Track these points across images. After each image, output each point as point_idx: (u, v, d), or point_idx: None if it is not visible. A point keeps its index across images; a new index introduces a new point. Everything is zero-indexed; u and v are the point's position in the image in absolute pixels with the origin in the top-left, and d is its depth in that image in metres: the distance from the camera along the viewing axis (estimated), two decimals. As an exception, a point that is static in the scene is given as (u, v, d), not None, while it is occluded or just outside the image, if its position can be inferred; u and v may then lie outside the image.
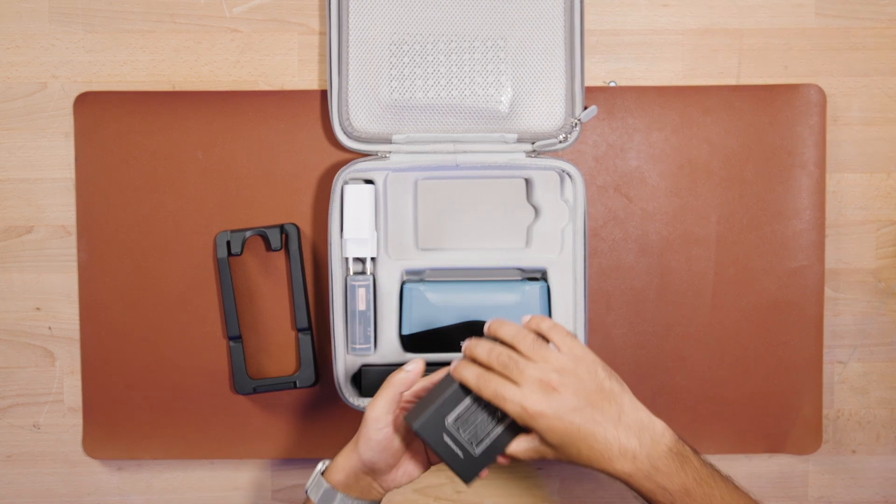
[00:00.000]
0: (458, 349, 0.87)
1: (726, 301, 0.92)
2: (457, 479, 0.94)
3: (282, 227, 0.88)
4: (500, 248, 0.90)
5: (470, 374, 0.69)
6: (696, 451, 0.69)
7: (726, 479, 0.70)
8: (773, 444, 0.93)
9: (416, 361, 0.75)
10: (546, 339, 0.71)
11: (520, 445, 0.70)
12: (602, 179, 0.92)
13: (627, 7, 0.93)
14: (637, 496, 0.69)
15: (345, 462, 0.75)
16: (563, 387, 0.67)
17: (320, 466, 0.77)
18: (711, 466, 0.69)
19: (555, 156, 0.89)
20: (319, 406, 0.92)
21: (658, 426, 0.68)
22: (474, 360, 0.71)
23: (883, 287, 0.94)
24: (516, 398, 0.67)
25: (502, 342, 0.71)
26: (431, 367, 0.89)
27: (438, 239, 0.90)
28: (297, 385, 0.89)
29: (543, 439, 0.68)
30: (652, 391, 0.92)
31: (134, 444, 0.92)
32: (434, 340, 0.89)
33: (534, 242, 0.89)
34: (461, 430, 0.70)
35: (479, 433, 0.70)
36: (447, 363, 0.88)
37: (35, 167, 0.93)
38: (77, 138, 0.91)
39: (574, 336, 0.71)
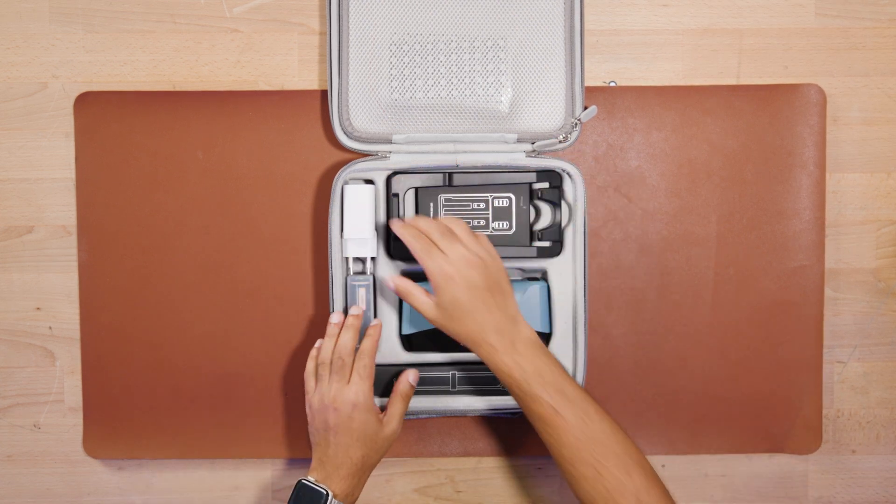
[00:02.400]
0: (458, 349, 0.87)
1: (726, 301, 0.92)
2: (457, 480, 0.94)
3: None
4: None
5: (411, 233, 0.80)
6: (555, 359, 0.79)
7: (574, 381, 0.79)
8: (773, 444, 0.93)
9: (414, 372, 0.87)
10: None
11: (421, 297, 0.81)
12: (602, 179, 0.92)
13: (627, 7, 0.93)
14: (497, 376, 0.79)
15: (350, 482, 0.82)
16: (476, 268, 0.79)
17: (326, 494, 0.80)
18: (564, 370, 0.79)
19: (555, 156, 0.89)
20: (319, 406, 0.92)
21: (525, 324, 0.80)
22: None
23: (883, 287, 0.94)
24: (440, 260, 0.79)
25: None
26: (431, 366, 0.89)
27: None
28: None
29: (440, 303, 0.79)
30: (652, 391, 0.92)
31: (134, 444, 0.92)
32: (434, 340, 0.89)
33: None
34: None
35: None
36: (447, 363, 0.89)
37: (35, 167, 0.93)
38: (77, 138, 0.91)
39: (487, 239, 0.83)
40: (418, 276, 0.89)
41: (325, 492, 0.79)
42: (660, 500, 0.74)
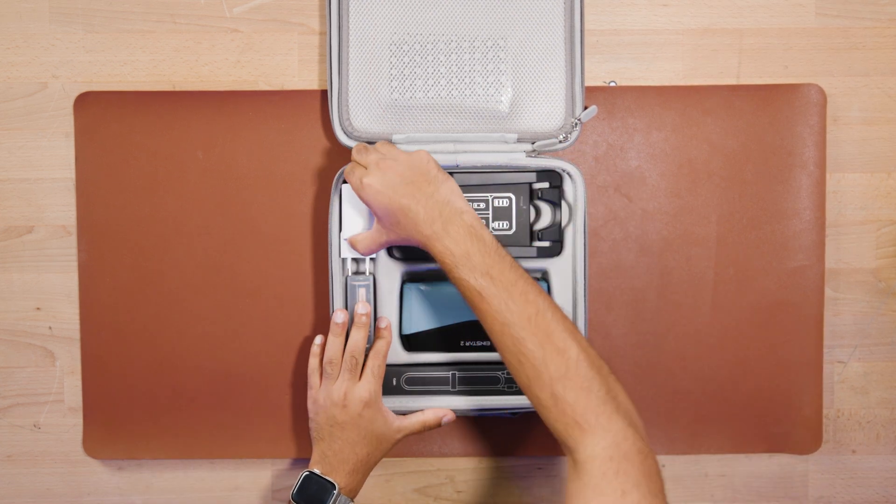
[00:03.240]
0: (458, 349, 0.87)
1: (726, 301, 0.92)
2: (457, 480, 0.94)
3: None
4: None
5: (347, 169, 0.83)
6: (497, 241, 0.77)
7: (514, 263, 0.76)
8: (773, 444, 0.93)
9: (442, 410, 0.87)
10: None
11: (363, 234, 0.83)
12: (602, 179, 0.92)
13: (627, 7, 0.93)
14: (438, 263, 0.77)
15: (354, 478, 0.82)
16: (392, 169, 0.79)
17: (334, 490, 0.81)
18: (505, 251, 0.76)
19: (555, 156, 0.89)
20: (319, 406, 0.92)
21: (464, 209, 0.78)
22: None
23: (883, 287, 0.94)
24: (358, 174, 0.80)
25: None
26: (431, 366, 0.89)
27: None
28: None
29: (379, 219, 0.80)
30: (652, 391, 0.92)
31: (134, 444, 0.92)
32: (434, 340, 0.89)
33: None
34: None
35: None
36: (447, 363, 0.89)
37: (35, 167, 0.93)
38: (77, 138, 0.91)
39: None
40: (421, 277, 0.89)
41: (333, 484, 0.80)
42: (579, 389, 0.68)
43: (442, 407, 0.87)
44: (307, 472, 0.81)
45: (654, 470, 0.67)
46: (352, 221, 0.86)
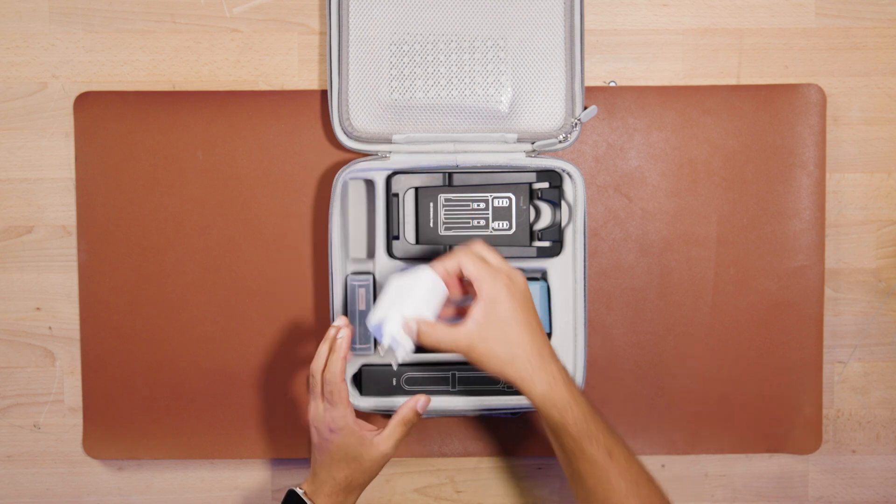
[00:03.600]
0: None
1: (726, 301, 0.92)
2: (457, 480, 0.94)
3: None
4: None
5: (462, 252, 0.75)
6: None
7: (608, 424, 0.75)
8: (773, 444, 0.93)
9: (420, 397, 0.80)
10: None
11: (443, 328, 0.73)
12: (602, 179, 0.92)
13: (627, 7, 0.93)
14: (533, 402, 0.73)
15: (334, 499, 0.79)
16: (520, 278, 0.75)
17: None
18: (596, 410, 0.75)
19: (555, 156, 0.89)
20: (319, 406, 0.92)
21: (558, 361, 0.75)
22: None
23: (883, 287, 0.94)
24: (507, 269, 0.74)
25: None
26: (431, 366, 0.89)
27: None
28: None
29: (487, 318, 0.72)
30: (652, 391, 0.92)
31: (134, 444, 0.92)
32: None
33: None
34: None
35: None
36: (447, 363, 0.89)
37: (35, 167, 0.93)
38: (77, 138, 0.91)
39: None
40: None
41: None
42: None
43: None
44: (290, 490, 0.79)
45: None
46: (419, 303, 0.74)
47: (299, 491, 0.79)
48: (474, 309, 0.73)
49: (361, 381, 0.89)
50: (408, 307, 0.73)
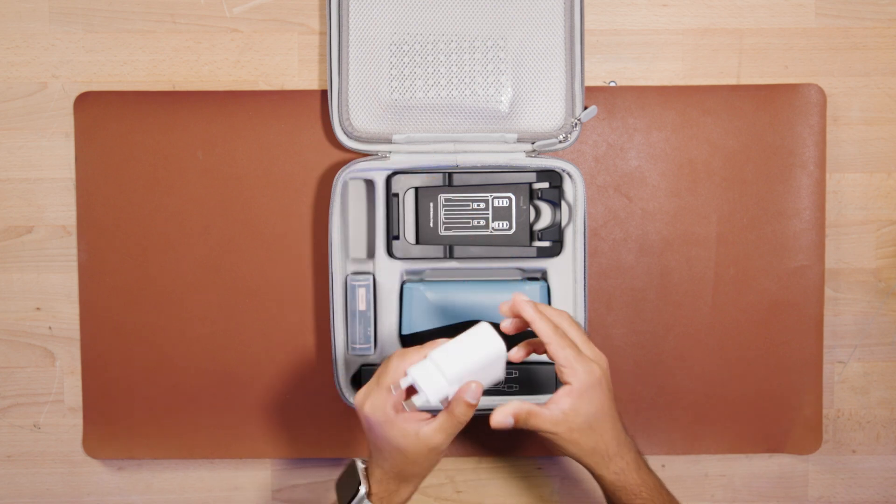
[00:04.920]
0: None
1: (726, 301, 0.92)
2: (457, 480, 0.94)
3: None
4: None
5: (551, 328, 0.72)
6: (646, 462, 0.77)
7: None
8: (773, 444, 0.93)
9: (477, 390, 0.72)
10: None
11: (542, 412, 0.72)
12: (602, 179, 0.92)
13: (627, 7, 0.93)
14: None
15: (386, 486, 0.74)
16: (608, 374, 0.74)
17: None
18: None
19: (555, 156, 0.89)
20: (319, 406, 0.92)
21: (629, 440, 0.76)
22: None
23: (883, 287, 0.94)
24: (589, 363, 0.72)
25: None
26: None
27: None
28: None
29: (576, 410, 0.71)
30: (652, 391, 0.92)
31: (134, 444, 0.92)
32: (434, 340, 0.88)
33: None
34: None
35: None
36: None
37: (35, 167, 0.93)
38: (77, 138, 0.91)
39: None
40: (421, 277, 0.89)
41: (360, 487, 0.73)
42: None
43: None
44: (353, 461, 0.75)
45: None
46: (484, 377, 0.72)
47: (359, 464, 0.74)
48: (562, 397, 0.71)
49: (361, 381, 0.89)
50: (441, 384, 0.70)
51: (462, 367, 0.70)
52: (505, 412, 0.72)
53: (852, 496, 0.95)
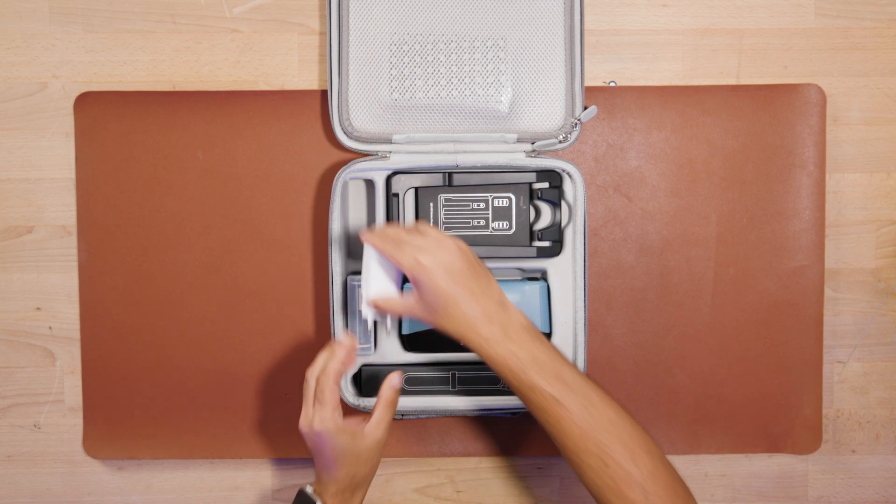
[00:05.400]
0: (458, 349, 0.87)
1: (726, 301, 0.92)
2: (457, 480, 0.94)
3: None
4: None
5: (379, 236, 0.76)
6: (550, 343, 0.75)
7: (574, 365, 0.75)
8: (773, 444, 0.93)
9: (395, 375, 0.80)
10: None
11: (398, 301, 0.77)
12: (602, 179, 0.92)
13: (627, 7, 0.93)
14: (492, 367, 0.74)
15: (340, 498, 0.78)
16: (453, 252, 0.74)
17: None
18: (562, 354, 0.75)
19: (555, 156, 0.89)
20: (319, 406, 0.92)
21: (515, 309, 0.75)
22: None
23: (883, 287, 0.94)
24: (411, 251, 0.74)
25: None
26: (431, 366, 0.89)
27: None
28: None
29: (422, 298, 0.74)
30: (652, 391, 0.92)
31: (134, 444, 0.92)
32: (434, 340, 0.89)
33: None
34: None
35: None
36: (447, 363, 0.89)
37: (35, 167, 0.93)
38: (77, 138, 0.91)
39: None
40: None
41: (314, 501, 0.78)
42: (667, 486, 0.71)
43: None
44: (301, 489, 0.79)
45: None
46: (378, 281, 0.78)
47: (308, 489, 0.78)
48: (414, 286, 0.76)
49: (361, 381, 0.89)
50: (371, 288, 0.77)
51: (375, 279, 0.78)
52: (365, 307, 0.78)
53: (852, 496, 0.95)
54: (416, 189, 0.88)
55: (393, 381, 0.80)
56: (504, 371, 0.73)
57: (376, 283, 0.77)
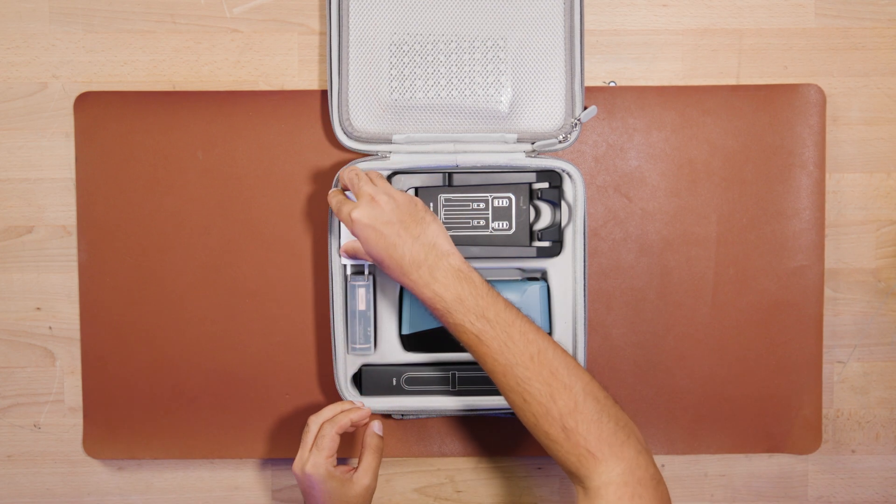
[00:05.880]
0: (458, 349, 0.87)
1: (726, 301, 0.92)
2: (457, 480, 0.94)
3: None
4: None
5: (331, 195, 0.82)
6: (487, 282, 0.77)
7: (507, 303, 0.76)
8: (773, 444, 0.93)
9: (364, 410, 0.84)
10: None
11: (347, 243, 0.83)
12: (602, 179, 0.92)
13: (627, 7, 0.93)
14: (428, 309, 0.77)
15: None
16: (384, 204, 0.77)
17: None
18: (496, 292, 0.76)
19: (555, 156, 0.89)
20: (319, 406, 0.92)
21: (450, 251, 0.77)
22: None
23: (883, 287, 0.94)
24: (347, 209, 0.78)
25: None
26: (431, 366, 0.89)
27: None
28: None
29: (367, 251, 0.78)
30: (652, 391, 0.92)
31: (134, 444, 0.92)
32: (434, 340, 0.89)
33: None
34: None
35: None
36: (447, 363, 0.89)
37: (35, 167, 0.93)
38: (77, 138, 0.91)
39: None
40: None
41: None
42: (590, 421, 0.70)
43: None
44: None
45: (666, 496, 0.70)
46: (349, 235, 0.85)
47: None
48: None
49: (361, 381, 0.89)
50: (343, 235, 0.85)
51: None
52: (343, 255, 0.84)
53: (852, 496, 0.95)
54: (416, 189, 0.88)
55: (374, 427, 0.84)
56: (435, 313, 0.76)
57: (347, 231, 0.83)
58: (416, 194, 0.88)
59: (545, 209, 0.89)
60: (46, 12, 0.92)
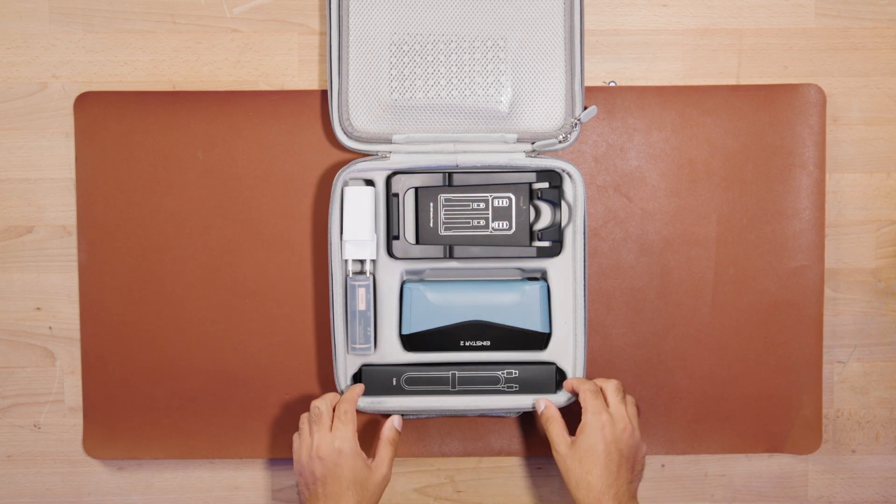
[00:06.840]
0: (458, 349, 0.87)
1: (726, 301, 0.92)
2: (457, 480, 0.94)
3: None
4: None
5: (583, 383, 0.85)
6: None
7: None
8: (773, 444, 0.93)
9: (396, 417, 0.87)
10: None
11: (561, 430, 0.84)
12: (602, 179, 0.92)
13: (627, 7, 0.93)
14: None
15: None
16: (627, 432, 0.82)
17: None
18: None
19: (555, 156, 0.89)
20: (319, 406, 0.92)
21: None
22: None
23: (883, 287, 0.94)
24: (600, 403, 0.82)
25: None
26: (431, 366, 0.89)
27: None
28: None
29: (578, 443, 0.81)
30: (652, 391, 0.92)
31: (134, 444, 0.92)
32: (434, 340, 0.89)
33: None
34: None
35: None
36: (447, 363, 0.89)
37: (35, 167, 0.93)
38: (77, 138, 0.91)
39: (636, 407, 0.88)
40: (421, 277, 0.89)
41: None
42: None
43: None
44: None
45: None
46: (352, 223, 0.86)
47: None
48: (580, 429, 0.83)
49: (361, 381, 0.89)
50: (347, 230, 0.86)
51: (349, 221, 0.87)
52: (541, 402, 0.86)
53: (852, 496, 0.95)
54: (416, 189, 0.88)
55: (395, 422, 0.86)
56: None
57: (352, 225, 0.86)
58: (416, 194, 0.88)
59: (545, 209, 0.89)
60: (46, 12, 0.92)
